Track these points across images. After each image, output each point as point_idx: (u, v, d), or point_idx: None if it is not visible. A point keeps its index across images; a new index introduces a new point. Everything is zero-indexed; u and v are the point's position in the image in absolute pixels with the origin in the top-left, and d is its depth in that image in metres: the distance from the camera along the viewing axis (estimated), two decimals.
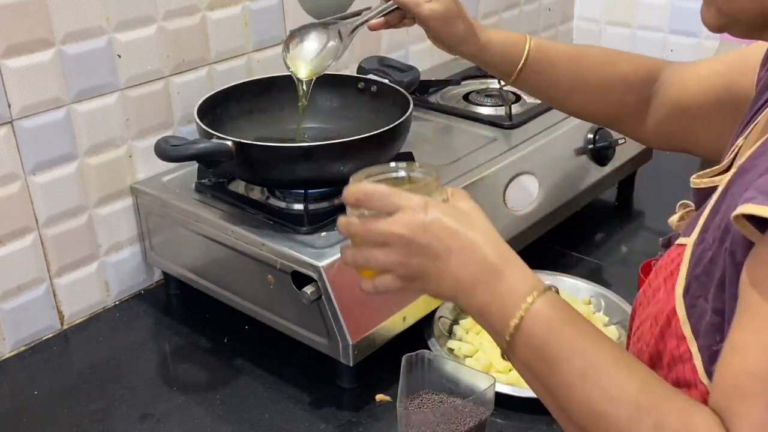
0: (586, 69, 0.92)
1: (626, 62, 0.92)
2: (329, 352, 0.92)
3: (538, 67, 0.92)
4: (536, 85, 0.95)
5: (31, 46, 0.95)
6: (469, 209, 0.63)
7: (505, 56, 0.93)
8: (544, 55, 0.92)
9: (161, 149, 0.91)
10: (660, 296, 0.61)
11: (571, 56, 0.93)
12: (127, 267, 1.13)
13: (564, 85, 0.93)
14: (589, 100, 0.93)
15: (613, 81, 0.91)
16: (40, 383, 0.97)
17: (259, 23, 1.20)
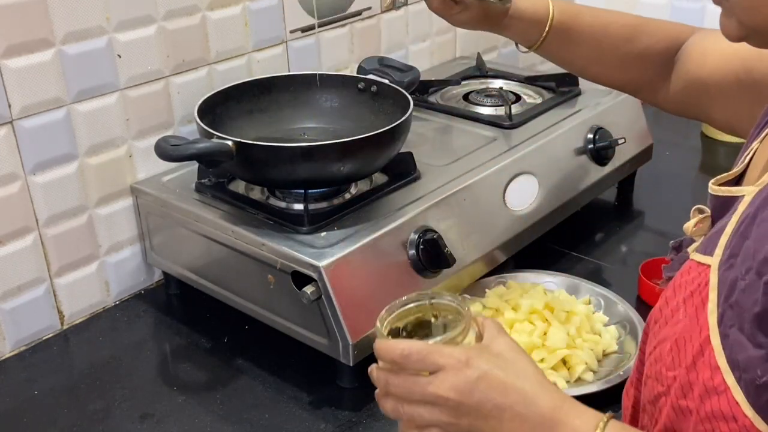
0: (605, 47, 0.93)
1: (648, 35, 0.92)
2: (329, 351, 0.92)
3: (555, 44, 0.94)
4: (553, 57, 0.98)
5: (31, 46, 0.95)
6: (508, 350, 0.61)
7: (523, 35, 0.95)
8: (563, 36, 0.93)
9: (161, 149, 0.91)
10: (679, 317, 0.58)
11: (592, 32, 0.93)
12: (128, 267, 1.13)
13: (581, 62, 0.96)
14: (606, 73, 0.96)
15: (632, 57, 0.92)
16: (40, 383, 0.97)
17: (259, 23, 1.20)
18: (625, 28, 0.93)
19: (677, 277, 0.61)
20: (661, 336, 0.60)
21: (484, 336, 0.62)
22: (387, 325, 0.64)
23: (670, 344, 0.58)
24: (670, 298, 0.61)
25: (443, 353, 0.58)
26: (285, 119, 1.15)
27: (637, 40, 0.92)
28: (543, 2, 0.93)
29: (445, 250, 0.96)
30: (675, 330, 0.58)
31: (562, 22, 0.93)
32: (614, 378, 0.89)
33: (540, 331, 0.94)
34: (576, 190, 1.21)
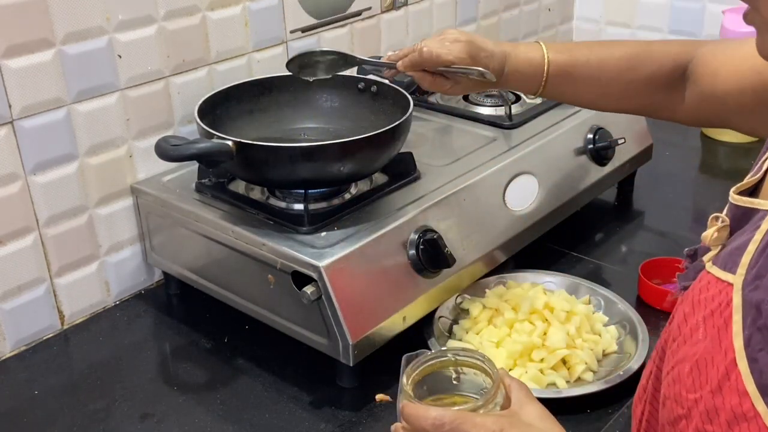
0: (606, 80, 0.92)
1: (650, 61, 0.90)
2: (329, 352, 0.92)
3: (557, 89, 0.94)
4: (560, 97, 0.98)
5: (32, 47, 0.95)
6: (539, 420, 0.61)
7: (523, 88, 0.96)
8: (563, 80, 0.93)
9: (161, 149, 0.91)
10: (699, 337, 0.57)
11: (590, 72, 0.92)
12: (128, 267, 1.13)
13: (587, 98, 0.96)
14: (615, 104, 0.95)
15: (637, 86, 0.91)
16: (41, 383, 0.98)
17: (260, 23, 1.20)
18: (623, 59, 0.92)
19: (695, 293, 0.59)
20: (680, 355, 0.59)
21: (512, 399, 0.62)
22: (411, 382, 0.64)
23: (690, 365, 0.57)
24: (689, 315, 0.59)
25: (476, 423, 0.58)
26: (285, 119, 1.15)
27: (640, 68, 0.90)
28: (537, 50, 0.93)
29: (445, 250, 0.96)
30: (695, 350, 0.57)
31: (558, 65, 0.92)
32: (614, 378, 0.89)
33: (540, 331, 0.94)
34: (576, 190, 1.21)
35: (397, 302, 0.94)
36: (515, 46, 0.94)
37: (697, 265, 0.64)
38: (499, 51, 0.92)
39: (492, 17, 1.62)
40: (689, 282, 0.63)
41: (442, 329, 0.99)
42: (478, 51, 0.91)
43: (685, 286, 0.65)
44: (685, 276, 0.66)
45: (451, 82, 0.93)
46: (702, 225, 1.35)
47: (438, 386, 0.66)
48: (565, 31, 1.83)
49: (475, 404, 0.61)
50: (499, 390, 0.62)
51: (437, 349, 0.68)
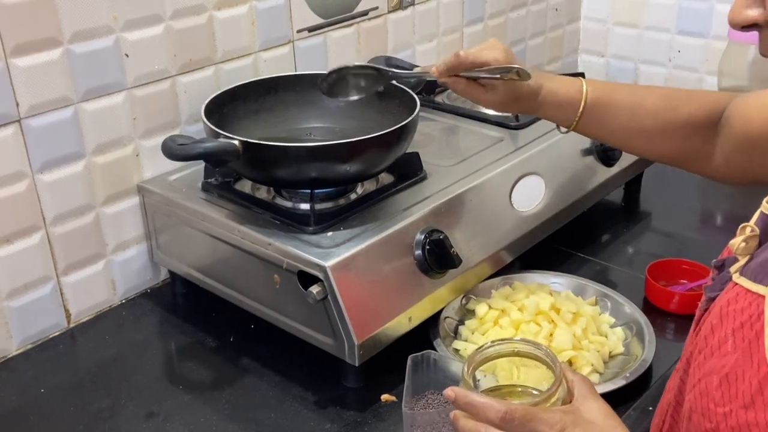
0: (643, 117, 0.89)
1: (687, 102, 0.88)
2: (335, 352, 0.92)
3: (593, 119, 0.91)
4: (593, 133, 0.94)
5: (39, 45, 0.95)
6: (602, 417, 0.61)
7: (559, 115, 0.92)
8: (600, 109, 0.90)
9: (168, 148, 0.91)
10: (728, 349, 0.56)
11: (628, 105, 0.90)
12: (134, 266, 1.13)
13: (622, 133, 0.91)
14: (650, 145, 0.91)
15: (675, 126, 0.88)
16: (47, 381, 0.98)
17: (267, 23, 1.20)
18: (663, 99, 0.90)
19: (723, 304, 0.58)
20: (707, 368, 0.58)
21: (574, 394, 0.62)
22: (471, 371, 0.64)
23: (718, 378, 0.56)
24: (716, 327, 0.58)
25: (544, 420, 0.59)
26: (291, 119, 1.15)
27: (678, 109, 0.88)
28: (576, 82, 0.91)
29: (452, 251, 0.96)
30: (724, 363, 0.56)
31: (597, 97, 0.90)
32: (620, 380, 0.89)
33: (546, 332, 0.94)
34: (583, 191, 1.20)
35: (402, 303, 0.94)
36: (553, 75, 0.93)
37: (724, 276, 0.63)
38: (537, 73, 0.90)
39: (499, 17, 1.62)
40: (716, 293, 0.62)
41: (447, 330, 0.99)
42: (515, 58, 0.89)
43: (711, 297, 0.64)
44: (711, 287, 0.65)
45: (487, 89, 0.89)
46: (708, 226, 1.35)
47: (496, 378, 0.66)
48: (572, 31, 1.83)
49: (537, 398, 0.61)
50: (561, 385, 0.61)
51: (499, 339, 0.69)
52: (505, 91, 0.88)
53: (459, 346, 0.96)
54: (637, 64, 1.78)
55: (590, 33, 1.84)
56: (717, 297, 0.62)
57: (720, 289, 0.61)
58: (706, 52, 1.66)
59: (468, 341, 0.97)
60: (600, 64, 1.84)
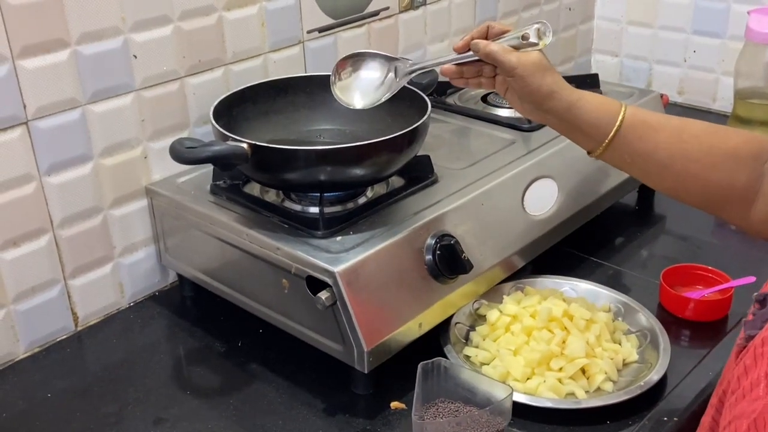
0: (687, 138, 0.81)
1: (734, 134, 0.82)
2: (344, 358, 0.91)
3: (633, 133, 0.82)
4: (629, 154, 0.83)
5: (47, 47, 0.94)
6: None
7: (598, 117, 0.83)
8: (642, 119, 0.83)
9: (176, 151, 0.90)
10: (759, 393, 0.54)
11: (671, 125, 0.83)
12: (142, 269, 1.12)
13: (661, 155, 0.81)
14: (690, 176, 0.81)
15: (720, 154, 0.80)
16: (54, 385, 0.97)
17: (276, 24, 1.18)
18: (708, 126, 0.83)
19: (758, 344, 0.56)
20: (738, 411, 0.55)
21: None
22: None
23: (747, 423, 0.53)
24: (750, 368, 0.56)
25: None
26: (301, 120, 1.14)
27: (724, 136, 0.81)
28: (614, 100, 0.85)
29: (463, 256, 0.94)
30: (754, 407, 0.53)
31: (637, 110, 0.83)
32: (635, 389, 0.87)
33: (559, 339, 0.92)
34: (596, 194, 1.19)
35: (413, 308, 0.93)
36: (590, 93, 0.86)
37: (765, 313, 0.60)
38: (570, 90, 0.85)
39: (512, 16, 1.60)
40: (756, 331, 0.60)
41: (458, 336, 0.98)
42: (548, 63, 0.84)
43: (750, 335, 0.61)
44: (752, 323, 0.62)
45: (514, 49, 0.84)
46: (724, 230, 1.33)
47: None
48: (585, 30, 1.81)
49: None
50: None
51: None
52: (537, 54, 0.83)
53: (470, 352, 0.95)
54: (651, 65, 1.76)
55: (604, 33, 1.82)
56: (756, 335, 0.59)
57: (760, 327, 0.58)
58: (722, 52, 1.63)
59: (479, 347, 0.96)
60: (614, 65, 1.82)
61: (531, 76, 0.83)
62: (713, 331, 1.01)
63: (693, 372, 0.93)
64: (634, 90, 1.35)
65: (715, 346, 0.98)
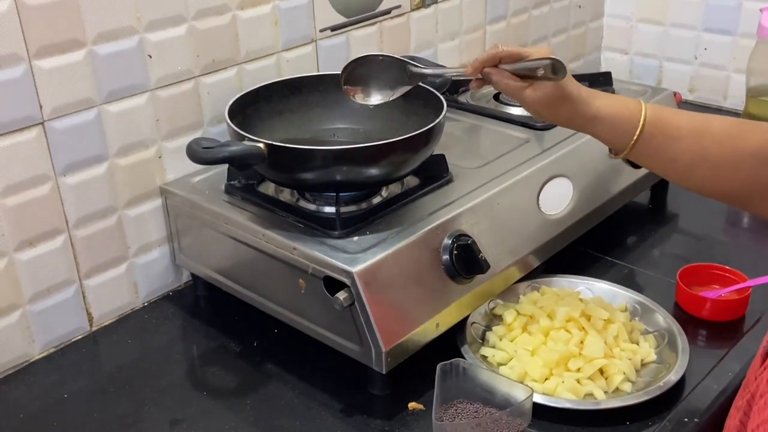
0: (709, 143, 0.82)
1: (756, 130, 0.81)
2: (361, 358, 0.90)
3: (653, 141, 0.83)
4: (651, 160, 0.85)
5: (63, 47, 0.94)
6: None
7: (616, 131, 0.84)
8: (661, 129, 0.83)
9: (193, 152, 0.90)
10: None
11: (692, 129, 0.83)
12: (156, 268, 1.12)
13: (683, 161, 0.83)
14: (714, 177, 0.82)
15: (742, 156, 0.80)
16: (70, 385, 0.97)
17: (289, 22, 1.18)
18: (730, 125, 0.83)
19: None
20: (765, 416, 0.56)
21: None
22: None
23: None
24: None
25: None
26: (315, 119, 1.14)
27: (746, 136, 0.81)
28: (633, 100, 0.85)
29: (480, 256, 0.94)
30: None
31: (657, 116, 0.83)
32: (654, 390, 0.87)
33: (577, 339, 0.92)
34: (610, 193, 1.18)
35: (430, 309, 0.93)
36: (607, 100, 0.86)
37: None
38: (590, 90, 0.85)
39: (522, 14, 1.60)
40: None
41: (474, 336, 0.98)
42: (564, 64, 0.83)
43: None
44: None
45: (528, 84, 0.83)
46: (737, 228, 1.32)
47: None
48: (595, 28, 1.80)
49: None
50: None
51: None
52: (549, 87, 0.82)
53: (486, 352, 0.95)
54: (662, 62, 1.75)
55: (614, 30, 1.81)
56: None
57: None
58: (733, 49, 1.63)
59: (496, 347, 0.96)
60: (624, 62, 1.81)
61: (545, 110, 0.85)
62: (731, 330, 1.01)
63: (712, 372, 0.93)
64: (647, 88, 1.35)
65: (733, 347, 0.98)
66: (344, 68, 0.94)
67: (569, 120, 0.86)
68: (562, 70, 0.81)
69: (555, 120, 0.87)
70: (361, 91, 0.95)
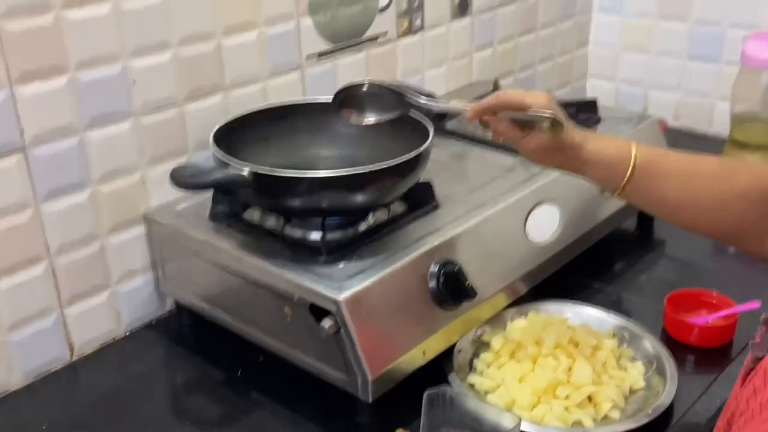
0: (697, 185, 0.84)
1: (745, 173, 0.83)
2: (347, 387, 0.89)
3: (642, 185, 0.85)
4: (641, 200, 0.88)
5: (45, 73, 0.93)
6: None
7: (607, 174, 0.87)
8: (651, 171, 0.85)
9: (178, 178, 0.89)
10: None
11: (681, 171, 0.85)
12: (139, 296, 1.10)
13: (672, 202, 0.85)
14: (703, 217, 0.84)
15: (730, 197, 0.82)
16: (50, 416, 0.95)
17: (275, 49, 1.18)
18: (718, 166, 0.86)
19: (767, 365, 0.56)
20: None
21: None
22: None
23: None
24: (759, 389, 0.56)
25: None
26: (301, 146, 1.13)
27: (734, 177, 0.83)
28: (625, 142, 0.87)
29: (467, 283, 0.93)
30: (764, 428, 0.53)
31: (647, 160, 0.85)
32: (642, 417, 0.86)
33: (565, 366, 0.91)
34: (597, 219, 1.18)
35: (417, 336, 0.92)
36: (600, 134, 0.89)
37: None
38: (582, 132, 0.87)
39: (509, 42, 1.61)
40: (764, 353, 0.60)
41: (462, 363, 0.96)
42: (557, 108, 0.85)
43: (757, 357, 0.61)
44: (759, 346, 0.63)
45: (527, 133, 0.85)
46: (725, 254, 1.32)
47: None
48: (581, 55, 1.82)
49: None
50: None
51: None
52: (546, 138, 0.85)
53: (474, 380, 0.94)
54: (647, 90, 1.77)
55: (599, 58, 1.82)
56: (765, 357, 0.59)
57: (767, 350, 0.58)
58: (718, 77, 1.64)
59: (483, 374, 0.95)
60: (609, 89, 1.82)
61: (540, 158, 0.88)
62: (718, 356, 1.01)
63: (701, 399, 0.92)
64: (633, 115, 1.36)
65: (721, 373, 0.97)
66: (339, 91, 0.95)
67: (562, 165, 0.89)
68: (560, 127, 0.83)
69: (548, 165, 0.90)
70: (355, 113, 0.96)
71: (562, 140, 0.85)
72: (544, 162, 0.89)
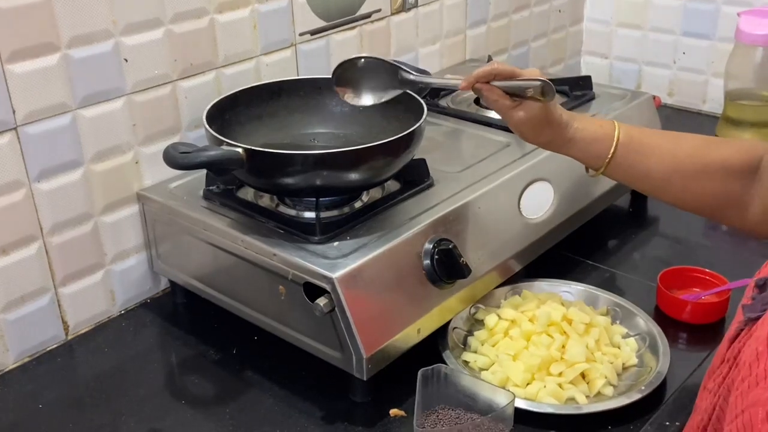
0: (680, 157, 0.87)
1: (726, 146, 0.88)
2: (342, 365, 0.89)
3: (626, 159, 0.89)
4: (626, 176, 0.91)
5: (37, 51, 0.92)
6: None
7: (591, 151, 0.90)
8: (634, 148, 0.89)
9: (170, 157, 0.89)
10: None
11: (663, 145, 0.89)
12: (133, 275, 1.10)
13: (657, 176, 0.89)
14: (687, 190, 0.88)
15: (712, 168, 0.86)
16: (45, 395, 0.95)
17: (268, 26, 1.17)
18: (698, 140, 0.89)
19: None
20: (751, 399, 0.55)
21: None
22: None
23: (764, 411, 0.53)
24: (762, 354, 0.56)
25: None
26: (294, 124, 1.13)
27: (714, 151, 0.87)
28: (608, 122, 0.91)
29: (461, 261, 0.94)
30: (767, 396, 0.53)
31: (630, 135, 0.89)
32: (635, 393, 0.87)
33: (558, 343, 0.92)
34: (591, 196, 1.18)
35: (411, 314, 0.92)
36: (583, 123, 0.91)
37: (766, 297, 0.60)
38: (568, 112, 0.90)
39: (503, 19, 1.60)
40: (757, 314, 0.60)
41: (456, 341, 0.97)
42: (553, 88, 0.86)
43: (751, 318, 0.61)
44: (751, 307, 0.63)
45: (516, 104, 0.86)
46: (717, 231, 1.33)
47: None
48: (575, 32, 1.81)
49: None
50: None
51: None
52: (536, 109, 0.86)
53: (468, 357, 0.94)
54: (641, 66, 1.76)
55: (593, 34, 1.82)
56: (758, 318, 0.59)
57: (761, 311, 0.58)
58: (712, 53, 1.64)
59: (478, 352, 0.95)
60: (603, 66, 1.82)
61: (529, 131, 0.89)
62: (711, 333, 1.01)
63: (693, 376, 0.93)
64: (627, 92, 1.35)
65: (713, 350, 0.97)
66: (336, 68, 0.94)
67: (549, 142, 0.91)
68: (551, 92, 0.84)
69: (536, 141, 0.91)
70: (351, 92, 0.95)
71: (551, 115, 0.87)
72: (532, 138, 0.91)
